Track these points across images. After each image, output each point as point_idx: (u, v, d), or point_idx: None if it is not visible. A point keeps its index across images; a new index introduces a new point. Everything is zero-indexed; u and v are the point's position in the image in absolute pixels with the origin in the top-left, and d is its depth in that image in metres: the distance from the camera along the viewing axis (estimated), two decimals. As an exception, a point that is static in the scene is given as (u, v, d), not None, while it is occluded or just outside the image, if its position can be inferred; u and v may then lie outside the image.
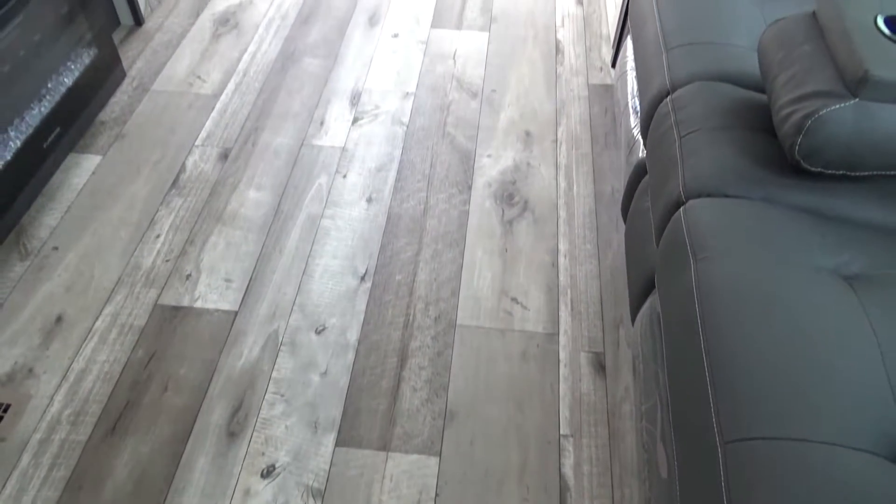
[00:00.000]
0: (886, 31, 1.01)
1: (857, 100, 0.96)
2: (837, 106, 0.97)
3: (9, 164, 1.59)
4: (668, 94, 1.32)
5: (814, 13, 1.13)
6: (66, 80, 1.80)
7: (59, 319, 1.48)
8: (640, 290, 1.28)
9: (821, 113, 0.97)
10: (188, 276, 1.57)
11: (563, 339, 1.48)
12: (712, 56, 1.34)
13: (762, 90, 1.27)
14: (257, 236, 1.67)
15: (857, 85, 0.96)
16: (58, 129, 1.75)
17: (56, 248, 1.63)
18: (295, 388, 1.38)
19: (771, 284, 0.91)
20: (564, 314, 1.52)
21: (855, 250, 0.99)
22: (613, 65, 2.20)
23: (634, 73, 1.70)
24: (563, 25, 2.39)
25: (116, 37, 2.28)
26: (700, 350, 0.88)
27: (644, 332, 1.21)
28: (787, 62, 1.09)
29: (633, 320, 1.32)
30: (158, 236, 1.66)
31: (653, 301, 1.22)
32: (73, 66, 1.84)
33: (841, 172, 1.03)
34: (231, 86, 2.10)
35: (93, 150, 1.87)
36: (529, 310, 1.53)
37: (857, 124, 0.96)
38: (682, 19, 1.46)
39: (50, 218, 1.69)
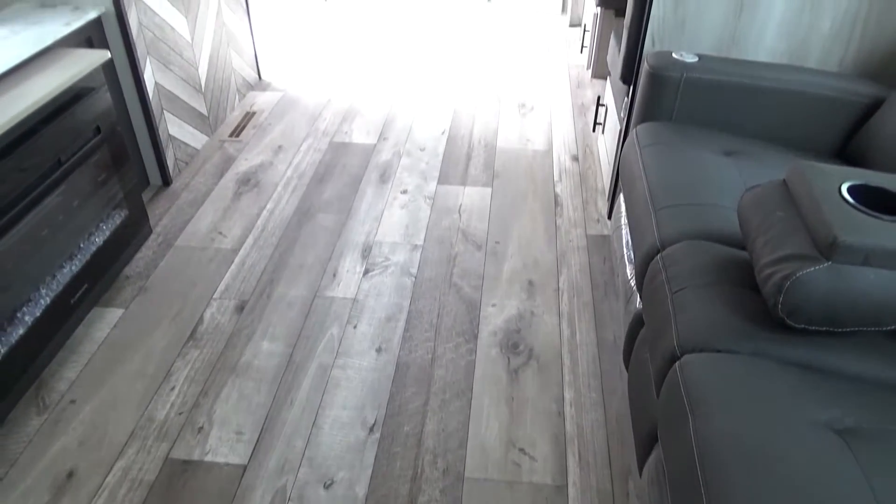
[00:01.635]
0: (850, 199, 1.11)
1: (829, 263, 1.04)
2: (812, 269, 1.05)
3: (37, 321, 1.67)
4: (658, 251, 1.42)
5: (785, 181, 1.24)
6: (97, 239, 1.93)
7: (70, 475, 1.49)
8: (646, 442, 1.30)
9: (798, 275, 1.05)
10: (200, 429, 1.60)
11: (572, 492, 1.47)
12: (697, 216, 1.45)
13: (745, 248, 1.36)
14: (269, 387, 1.71)
15: (828, 250, 1.04)
16: (85, 286, 1.86)
17: (73, 402, 1.67)
18: (302, 546, 1.36)
19: (766, 441, 0.94)
20: (572, 465, 1.53)
21: (846, 404, 1.02)
22: (609, 216, 2.33)
23: (628, 227, 1.82)
24: (560, 180, 2.56)
25: (145, 196, 2.45)
26: (702, 508, 0.89)
27: (652, 485, 1.22)
28: (764, 226, 1.19)
29: (640, 471, 1.33)
30: (173, 388, 1.71)
31: (658, 453, 1.24)
32: (104, 227, 1.98)
33: (824, 329, 1.09)
34: (250, 240, 2.23)
35: (116, 303, 1.97)
36: (537, 461, 1.53)
37: (831, 285, 1.04)
38: (667, 181, 1.59)
39: (70, 371, 1.75)
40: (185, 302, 1.98)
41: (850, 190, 1.14)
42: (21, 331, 1.63)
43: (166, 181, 2.50)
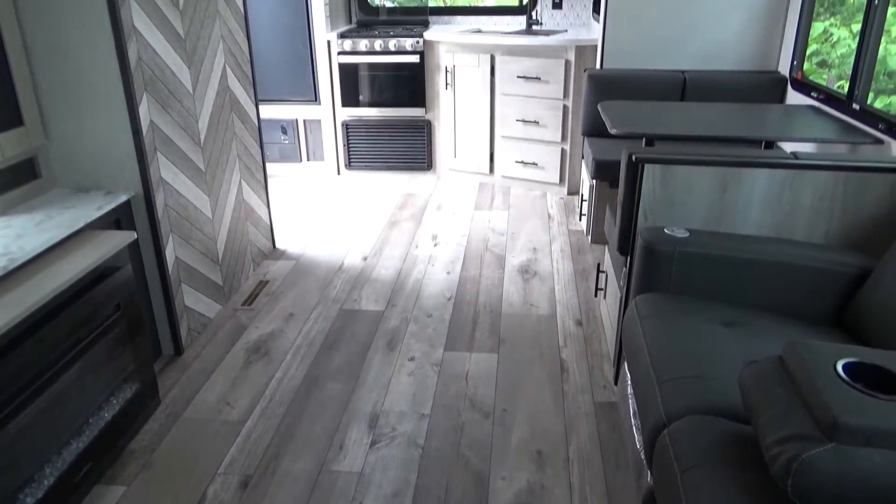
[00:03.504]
0: (845, 377, 1.14)
1: (833, 444, 1.05)
2: (818, 450, 1.05)
3: None
4: (664, 426, 1.42)
5: (781, 358, 1.28)
6: (106, 414, 1.94)
7: None
8: None
9: (803, 457, 1.05)
10: None
11: None
12: (700, 390, 1.47)
13: (750, 423, 1.36)
14: (270, 573, 1.64)
15: (830, 430, 1.05)
16: (90, 464, 1.84)
17: (65, 592, 1.59)
18: None
19: None
20: None
21: None
22: (615, 382, 2.34)
23: (634, 398, 1.82)
24: (566, 345, 2.59)
25: (157, 366, 2.48)
26: None
27: None
28: (766, 403, 1.20)
29: None
30: (170, 575, 1.64)
31: None
32: (114, 401, 2.00)
33: (839, 513, 1.07)
34: (257, 411, 2.23)
35: (119, 480, 1.93)
36: None
37: (839, 467, 1.03)
38: (668, 353, 1.62)
39: (65, 556, 1.69)
40: (189, 478, 1.94)
41: (845, 368, 1.16)
42: (21, 514, 1.60)
43: (178, 351, 2.55)
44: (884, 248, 1.86)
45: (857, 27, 2.82)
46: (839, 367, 1.17)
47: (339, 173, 4.70)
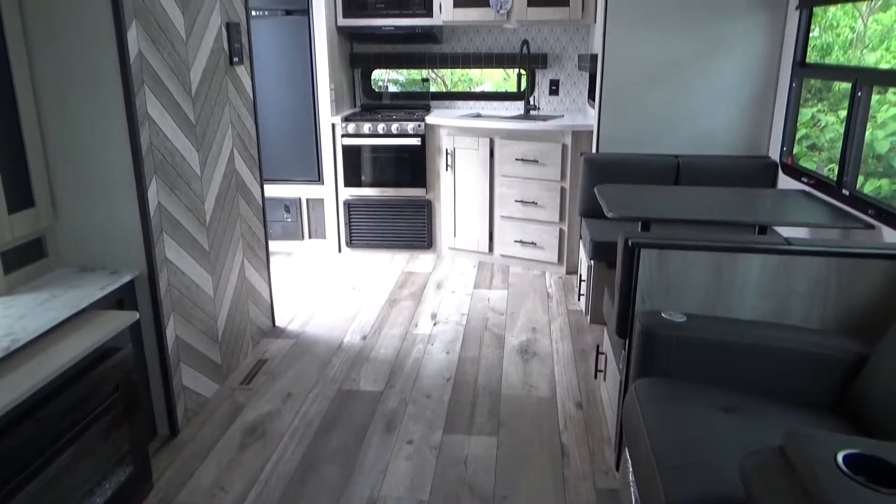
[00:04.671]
0: (846, 469, 1.13)
1: (837, 541, 1.03)
2: (821, 546, 1.03)
3: None
4: (667, 518, 1.39)
5: (782, 448, 1.27)
6: (98, 499, 1.91)
7: None
8: None
9: (807, 553, 1.03)
10: None
11: None
12: (702, 479, 1.45)
13: (755, 515, 1.34)
14: None
15: (833, 526, 1.04)
16: (78, 552, 1.79)
17: None
18: None
19: None
20: None
21: None
22: (617, 468, 2.30)
23: (636, 486, 1.79)
24: (566, 429, 2.56)
25: (151, 447, 2.44)
26: None
27: None
28: (767, 495, 1.19)
29: None
30: None
31: None
32: (106, 485, 1.97)
33: None
34: (251, 496, 2.18)
35: (106, 570, 1.88)
36: None
37: (844, 565, 1.02)
38: (669, 441, 1.61)
39: None
40: (179, 568, 1.89)
41: (845, 459, 1.16)
42: None
43: (174, 431, 2.52)
44: (879, 334, 1.87)
45: (843, 113, 2.93)
46: (840, 459, 1.16)
47: (340, 251, 4.75)
